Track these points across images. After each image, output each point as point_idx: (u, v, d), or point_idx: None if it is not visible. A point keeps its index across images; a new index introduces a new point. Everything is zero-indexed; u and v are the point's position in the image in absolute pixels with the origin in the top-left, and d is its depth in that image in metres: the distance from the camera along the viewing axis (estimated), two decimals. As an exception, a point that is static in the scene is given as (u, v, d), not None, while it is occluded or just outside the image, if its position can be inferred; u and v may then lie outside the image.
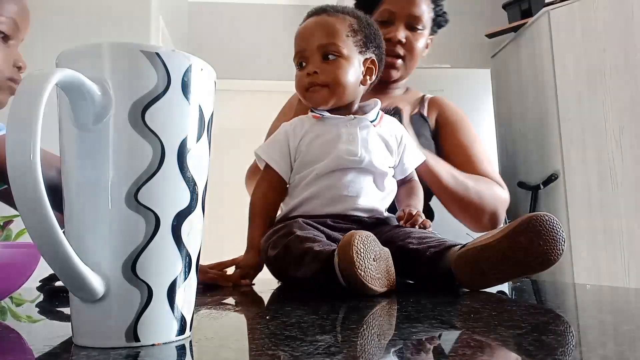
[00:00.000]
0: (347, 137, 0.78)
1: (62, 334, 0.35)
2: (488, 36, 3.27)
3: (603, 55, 2.53)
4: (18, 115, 0.26)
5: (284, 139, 0.81)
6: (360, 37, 0.82)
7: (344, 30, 0.81)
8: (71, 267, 0.27)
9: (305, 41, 0.82)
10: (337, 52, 0.80)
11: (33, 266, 0.53)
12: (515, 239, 0.54)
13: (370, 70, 0.84)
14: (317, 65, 0.80)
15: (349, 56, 0.80)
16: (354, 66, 0.81)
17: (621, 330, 0.35)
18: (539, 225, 0.54)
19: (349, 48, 0.81)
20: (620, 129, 2.45)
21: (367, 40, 0.83)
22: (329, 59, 0.80)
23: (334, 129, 0.79)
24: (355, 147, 0.77)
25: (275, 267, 0.68)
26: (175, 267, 0.31)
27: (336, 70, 0.79)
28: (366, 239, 0.53)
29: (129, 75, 0.30)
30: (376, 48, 0.86)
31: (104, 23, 2.68)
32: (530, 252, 0.54)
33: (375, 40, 0.85)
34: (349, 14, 0.84)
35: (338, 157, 0.76)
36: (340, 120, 0.80)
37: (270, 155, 0.81)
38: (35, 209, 0.26)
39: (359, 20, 0.84)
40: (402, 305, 0.48)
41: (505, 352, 0.27)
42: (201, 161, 0.33)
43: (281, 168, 0.80)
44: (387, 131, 0.83)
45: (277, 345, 0.30)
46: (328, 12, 0.83)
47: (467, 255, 0.56)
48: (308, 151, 0.79)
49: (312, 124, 0.81)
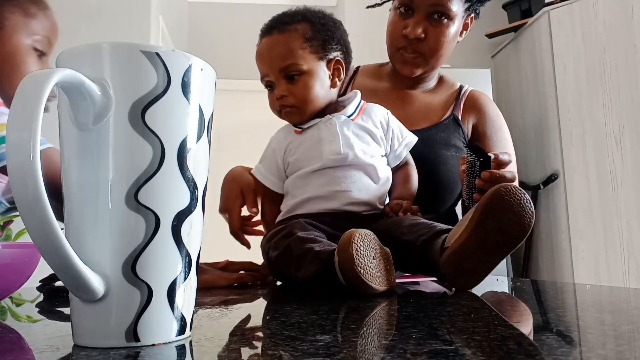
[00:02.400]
0: (329, 137, 0.79)
1: (62, 334, 0.35)
2: (488, 36, 3.27)
3: (603, 55, 2.53)
4: (18, 115, 0.26)
5: (272, 156, 0.84)
6: (317, 42, 0.81)
7: (298, 44, 0.79)
8: (71, 267, 0.27)
9: (266, 65, 0.82)
10: (298, 71, 0.79)
11: (33, 266, 0.53)
12: (485, 226, 0.54)
13: (338, 70, 0.84)
14: (282, 89, 0.80)
15: (310, 69, 0.80)
16: (319, 76, 0.81)
17: (621, 330, 0.35)
18: (500, 202, 0.54)
19: (308, 61, 0.80)
20: (620, 129, 2.45)
21: (326, 43, 0.81)
22: (293, 79, 0.80)
23: (315, 133, 0.80)
24: (337, 145, 0.77)
25: (277, 268, 0.68)
26: (175, 267, 0.31)
27: (302, 90, 0.80)
28: (366, 237, 0.53)
29: (129, 75, 0.30)
30: (337, 44, 0.83)
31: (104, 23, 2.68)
32: (504, 231, 0.54)
33: (334, 37, 0.83)
34: (300, 20, 0.81)
35: (323, 159, 0.77)
36: (320, 122, 0.81)
37: (263, 173, 0.84)
38: (35, 209, 0.26)
39: (312, 24, 0.82)
40: (402, 305, 0.48)
41: (506, 352, 0.27)
42: (201, 161, 0.33)
43: (274, 184, 0.84)
44: (370, 120, 0.83)
45: (277, 345, 0.30)
46: (278, 29, 0.81)
47: (449, 260, 0.56)
48: (295, 160, 0.81)
49: (294, 136, 0.83)
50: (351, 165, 0.77)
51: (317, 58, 0.81)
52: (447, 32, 0.95)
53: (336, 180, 0.76)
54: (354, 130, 0.80)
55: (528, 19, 2.91)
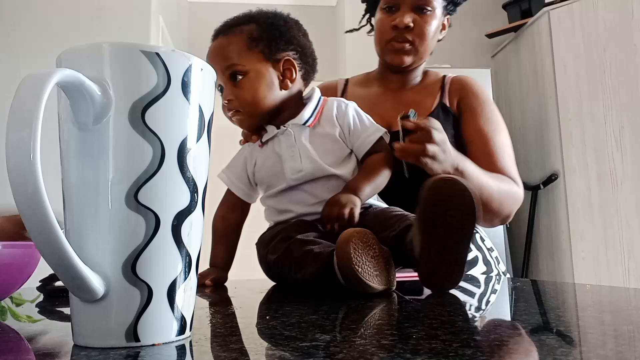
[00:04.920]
0: (288, 152, 0.76)
1: (62, 334, 0.35)
2: (488, 36, 3.27)
3: (603, 55, 2.53)
4: (18, 115, 0.26)
5: (242, 165, 0.83)
6: (263, 42, 0.78)
7: (241, 45, 0.77)
8: (71, 267, 0.27)
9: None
10: (241, 71, 0.76)
11: (33, 266, 0.53)
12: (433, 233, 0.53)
13: (289, 70, 0.80)
14: (228, 92, 0.78)
15: (254, 70, 0.77)
16: (265, 77, 0.77)
17: (621, 330, 0.35)
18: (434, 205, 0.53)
19: (252, 62, 0.77)
20: (620, 129, 2.45)
21: (272, 43, 0.78)
22: (237, 80, 0.77)
23: (275, 147, 0.78)
24: (297, 162, 0.75)
25: (275, 271, 0.68)
26: (175, 267, 0.31)
27: (246, 92, 0.77)
28: (364, 237, 0.53)
29: (129, 75, 0.30)
30: (288, 44, 0.80)
31: (104, 23, 2.68)
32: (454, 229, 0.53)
33: (284, 37, 0.80)
34: (247, 22, 0.80)
35: (286, 178, 0.76)
36: (278, 134, 0.78)
37: (231, 179, 0.84)
38: (35, 209, 0.26)
39: (258, 24, 0.79)
40: (402, 305, 0.48)
41: (506, 352, 0.27)
42: (201, 161, 0.33)
43: (242, 191, 0.83)
44: (328, 122, 0.79)
45: (277, 345, 0.30)
46: (223, 32, 0.80)
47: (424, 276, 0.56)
48: (263, 178, 0.80)
49: (258, 150, 0.81)
50: (315, 179, 0.75)
51: (263, 59, 0.77)
52: (432, 22, 1.02)
53: (306, 196, 0.75)
54: (312, 139, 0.77)
55: (528, 19, 2.91)
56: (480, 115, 1.02)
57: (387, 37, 1.02)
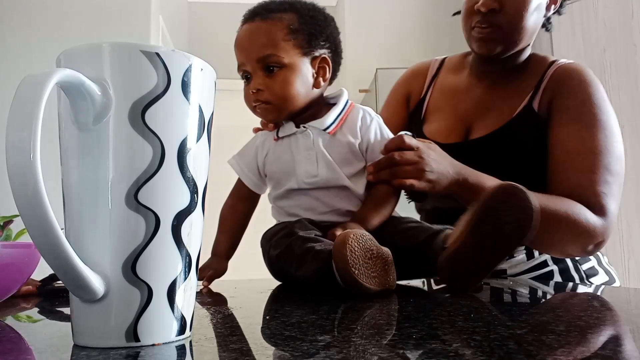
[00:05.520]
0: (305, 154, 0.73)
1: (62, 334, 0.35)
2: (488, 36, 3.27)
3: (603, 55, 2.53)
4: (18, 115, 0.26)
5: (253, 154, 0.80)
6: (303, 36, 0.73)
7: (282, 35, 0.73)
8: (71, 267, 0.27)
9: (244, 54, 0.74)
10: (278, 63, 0.72)
11: (33, 266, 0.53)
12: (481, 229, 0.52)
13: (323, 69, 0.76)
14: (260, 82, 0.73)
15: (292, 64, 0.73)
16: (301, 73, 0.74)
17: (621, 330, 0.35)
18: (499, 203, 0.52)
19: (290, 54, 0.73)
20: (620, 129, 2.45)
21: (312, 38, 0.74)
22: (272, 71, 0.73)
23: (291, 146, 0.75)
24: (313, 166, 0.72)
25: (277, 267, 0.68)
26: (175, 267, 0.31)
27: (280, 85, 0.73)
28: (361, 238, 0.53)
29: (129, 75, 0.30)
30: (326, 41, 0.76)
31: (104, 23, 2.68)
32: (502, 234, 0.52)
33: (323, 33, 0.76)
34: (287, 10, 0.74)
35: (299, 180, 0.73)
36: (297, 132, 0.75)
37: (242, 167, 0.80)
38: (35, 209, 0.26)
39: (300, 15, 0.74)
40: (402, 305, 0.48)
41: (505, 352, 0.27)
42: (201, 161, 0.33)
43: (251, 181, 0.80)
44: (349, 132, 0.75)
45: (277, 345, 0.30)
46: (262, 16, 0.74)
47: (445, 265, 0.55)
48: (273, 172, 0.77)
49: (273, 144, 0.77)
50: (328, 187, 0.73)
51: (301, 53, 0.74)
52: (527, 0, 0.84)
53: (316, 202, 0.73)
54: (331, 145, 0.74)
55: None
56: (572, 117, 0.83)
57: (470, 22, 0.88)
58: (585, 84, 0.85)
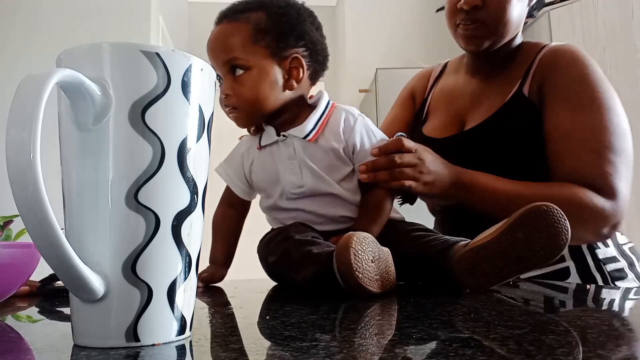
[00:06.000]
0: (288, 165, 0.71)
1: (62, 334, 0.35)
2: (488, 36, 3.27)
3: (603, 55, 2.53)
4: (18, 115, 0.26)
5: (239, 161, 0.78)
6: (271, 36, 0.70)
7: (246, 37, 0.70)
8: (71, 267, 0.27)
9: (211, 58, 0.73)
10: (243, 66, 0.70)
11: (33, 266, 0.53)
12: (512, 234, 0.52)
13: (297, 70, 0.72)
14: (228, 86, 0.71)
15: (258, 66, 0.70)
16: (268, 76, 0.71)
17: (621, 330, 0.35)
18: (537, 218, 0.52)
19: (255, 57, 0.70)
20: (620, 129, 2.45)
21: (282, 37, 0.71)
22: (238, 75, 0.70)
23: (275, 156, 0.73)
24: (297, 177, 0.71)
25: (275, 272, 0.68)
26: (175, 267, 0.31)
27: (246, 89, 0.70)
28: (364, 240, 0.53)
29: (129, 75, 0.30)
30: (299, 39, 0.72)
31: (104, 23, 2.69)
32: (530, 247, 0.52)
33: (295, 30, 0.72)
34: (255, 9, 0.72)
35: (285, 191, 0.72)
36: (278, 144, 0.73)
37: (230, 176, 0.79)
38: (35, 209, 0.26)
39: (268, 14, 0.71)
40: (402, 305, 0.48)
41: (505, 352, 0.27)
42: (201, 161, 0.33)
43: (240, 189, 0.79)
44: (334, 137, 0.72)
45: (277, 345, 0.30)
46: (228, 17, 0.72)
47: (466, 257, 0.55)
48: (259, 182, 0.76)
49: (257, 153, 0.76)
50: (315, 195, 0.71)
51: (268, 54, 0.70)
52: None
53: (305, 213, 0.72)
54: (314, 153, 0.71)
55: (528, 19, 2.91)
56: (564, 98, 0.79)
57: (454, 20, 0.87)
58: (577, 62, 0.82)
